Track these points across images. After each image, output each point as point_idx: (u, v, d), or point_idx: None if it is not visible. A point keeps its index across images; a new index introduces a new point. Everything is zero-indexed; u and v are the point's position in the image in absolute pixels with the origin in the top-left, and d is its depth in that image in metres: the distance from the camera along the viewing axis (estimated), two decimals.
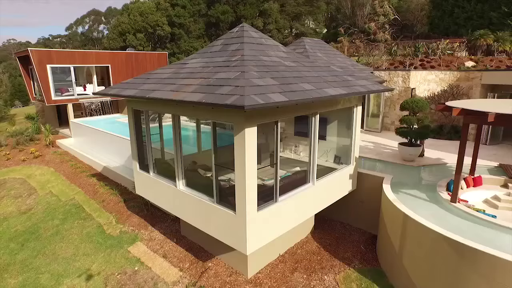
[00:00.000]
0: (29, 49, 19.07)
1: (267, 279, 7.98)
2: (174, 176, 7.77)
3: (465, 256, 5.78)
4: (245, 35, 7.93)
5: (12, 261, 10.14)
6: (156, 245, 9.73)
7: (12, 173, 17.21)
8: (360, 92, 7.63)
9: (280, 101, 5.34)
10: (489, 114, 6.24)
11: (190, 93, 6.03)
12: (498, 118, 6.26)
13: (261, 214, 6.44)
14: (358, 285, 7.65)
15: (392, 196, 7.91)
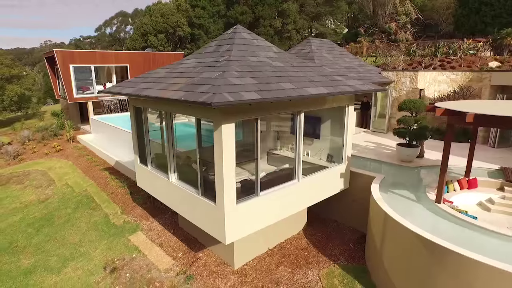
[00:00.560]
0: (54, 50, 20.40)
1: (252, 271, 8.29)
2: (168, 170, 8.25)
3: (434, 254, 5.84)
4: (237, 37, 8.30)
5: (28, 244, 11.06)
6: (154, 235, 10.29)
7: (36, 165, 18.52)
8: (347, 91, 7.78)
9: (252, 99, 5.65)
10: (468, 114, 6.23)
11: (175, 91, 6.46)
12: (477, 119, 6.23)
13: (240, 207, 6.77)
14: (340, 281, 7.80)
15: (377, 195, 7.99)
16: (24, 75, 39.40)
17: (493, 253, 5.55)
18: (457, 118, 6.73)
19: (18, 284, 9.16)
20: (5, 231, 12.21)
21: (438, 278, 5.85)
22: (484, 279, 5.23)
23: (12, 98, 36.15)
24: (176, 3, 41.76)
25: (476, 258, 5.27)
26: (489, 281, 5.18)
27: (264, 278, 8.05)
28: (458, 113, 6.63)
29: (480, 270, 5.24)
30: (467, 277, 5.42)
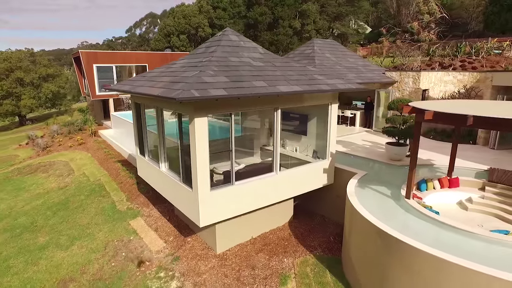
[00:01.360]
0: (79, 51, 22.13)
1: (233, 256, 8.94)
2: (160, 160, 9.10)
3: (385, 243, 6.19)
4: (224, 39, 8.99)
5: (45, 225, 12.40)
6: (151, 220, 11.22)
7: (60, 156, 20.27)
8: (322, 90, 8.22)
9: (218, 95, 6.31)
10: (427, 112, 6.51)
11: (157, 88, 7.25)
12: (436, 116, 6.50)
13: (215, 193, 7.45)
14: (311, 269, 8.26)
15: (350, 189, 8.36)
16: (59, 74, 42.32)
17: (443, 244, 5.83)
18: (421, 115, 6.99)
19: (33, 257, 10.41)
20: (29, 213, 13.71)
21: (388, 265, 6.21)
22: (423, 266, 5.55)
23: (47, 95, 39.15)
24: (198, 4, 43.17)
25: (418, 246, 5.60)
26: (428, 267, 5.50)
27: (242, 262, 8.68)
28: (422, 111, 6.90)
29: (420, 257, 5.56)
30: (410, 264, 5.75)
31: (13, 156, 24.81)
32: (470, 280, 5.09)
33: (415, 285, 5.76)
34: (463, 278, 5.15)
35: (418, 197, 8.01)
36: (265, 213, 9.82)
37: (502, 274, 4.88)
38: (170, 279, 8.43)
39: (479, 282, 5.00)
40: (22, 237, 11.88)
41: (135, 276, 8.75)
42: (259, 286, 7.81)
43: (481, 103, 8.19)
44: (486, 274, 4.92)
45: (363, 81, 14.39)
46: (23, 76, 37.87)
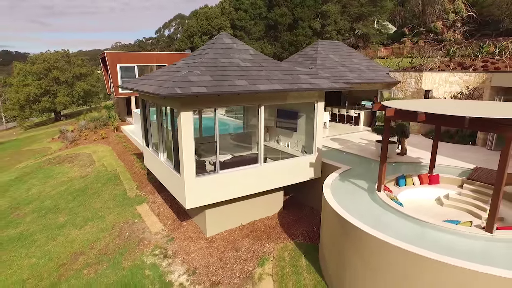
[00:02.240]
0: (104, 52, 23.98)
1: (221, 240, 9.83)
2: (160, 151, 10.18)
3: (344, 229, 6.80)
4: (217, 42, 9.90)
5: (65, 207, 13.95)
6: (155, 206, 12.37)
7: (85, 149, 22.16)
8: (302, 88, 8.89)
9: (198, 92, 7.21)
10: (388, 109, 7.03)
11: (152, 86, 8.28)
12: (396, 113, 7.00)
13: (200, 180, 8.38)
14: (289, 254, 8.96)
15: (327, 182, 8.97)
16: (90, 73, 45.31)
17: (397, 231, 6.35)
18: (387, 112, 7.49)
19: (53, 233, 11.90)
20: (54, 197, 15.40)
21: (346, 249, 6.82)
22: (370, 247, 6.12)
23: (79, 93, 42.12)
24: (221, 6, 44.54)
25: (366, 229, 6.19)
26: (374, 249, 6.07)
27: (228, 245, 9.54)
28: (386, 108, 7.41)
29: (368, 240, 6.14)
30: (361, 246, 6.35)
31: (46, 148, 27.29)
32: (409, 261, 5.62)
33: (365, 266, 6.35)
34: (403, 259, 5.69)
35: (389, 190, 8.48)
36: (255, 203, 10.63)
37: (438, 256, 5.39)
38: (163, 256, 9.47)
39: (418, 263, 5.53)
40: (46, 217, 13.48)
41: (134, 253, 9.87)
42: (239, 265, 8.64)
43: (456, 102, 8.51)
44: (423, 256, 5.45)
45: (363, 81, 14.76)
46: (59, 75, 41.03)
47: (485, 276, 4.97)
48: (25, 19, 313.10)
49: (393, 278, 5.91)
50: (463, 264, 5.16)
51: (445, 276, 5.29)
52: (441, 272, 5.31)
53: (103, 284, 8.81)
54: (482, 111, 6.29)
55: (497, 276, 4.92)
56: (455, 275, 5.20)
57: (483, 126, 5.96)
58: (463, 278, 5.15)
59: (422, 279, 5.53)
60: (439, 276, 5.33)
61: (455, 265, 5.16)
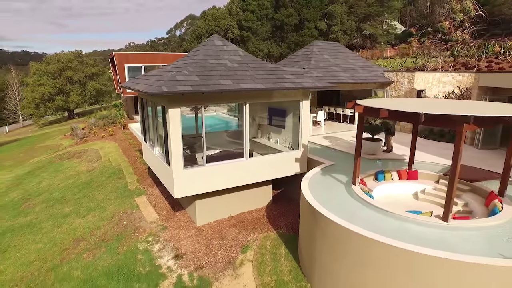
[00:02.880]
0: (113, 53, 25.03)
1: (209, 228, 10.51)
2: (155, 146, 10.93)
3: (315, 217, 7.36)
4: (208, 44, 10.59)
5: (71, 199, 14.91)
6: (152, 198, 13.15)
7: (93, 145, 23.24)
8: (284, 87, 9.47)
9: (183, 91, 7.89)
10: (357, 106, 7.55)
11: (144, 85, 9.02)
12: (364, 110, 7.52)
13: (187, 171, 9.07)
14: (270, 243, 9.57)
15: (307, 175, 9.52)
16: (102, 73, 46.80)
17: (363, 220, 6.88)
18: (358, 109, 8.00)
19: (59, 222, 12.83)
20: (61, 189, 16.40)
21: (315, 235, 7.38)
22: (332, 232, 6.67)
23: (91, 92, 43.62)
24: (228, 7, 45.34)
25: (329, 216, 6.75)
26: (339, 235, 6.62)
27: (215, 234, 10.21)
28: (357, 105, 7.93)
29: (331, 226, 6.69)
30: (328, 233, 6.90)
31: (58, 145, 28.61)
32: (364, 244, 6.16)
33: (330, 250, 6.90)
34: (359, 243, 6.23)
35: (364, 184, 8.97)
36: (244, 196, 11.27)
37: (394, 242, 5.89)
38: (155, 242, 10.22)
39: (371, 246, 6.06)
40: (53, 207, 14.46)
41: (130, 240, 10.65)
42: (223, 252, 9.29)
43: (428, 101, 8.93)
44: (375, 239, 5.98)
45: (356, 81, 15.20)
46: (72, 75, 42.62)
47: (429, 258, 5.47)
48: (44, 20, 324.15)
49: (351, 260, 6.45)
50: (407, 246, 5.67)
51: (393, 257, 5.81)
52: (389, 253, 5.83)
53: (99, 266, 9.61)
54: (442, 108, 6.76)
55: (435, 257, 5.41)
56: (401, 256, 5.71)
57: (438, 122, 6.42)
58: (407, 258, 5.66)
59: (375, 260, 6.05)
60: (388, 256, 5.86)
61: (400, 247, 5.68)
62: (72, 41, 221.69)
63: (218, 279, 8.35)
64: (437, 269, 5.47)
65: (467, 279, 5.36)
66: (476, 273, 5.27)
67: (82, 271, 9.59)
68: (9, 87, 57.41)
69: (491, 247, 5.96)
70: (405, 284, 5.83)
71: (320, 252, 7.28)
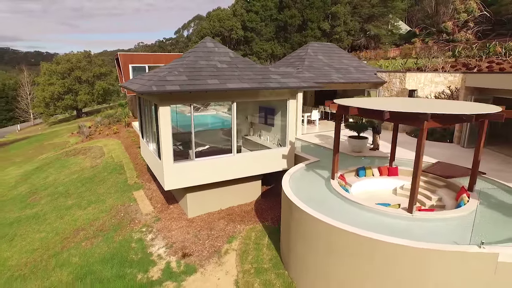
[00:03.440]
0: (118, 53, 25.88)
1: (199, 220, 11.12)
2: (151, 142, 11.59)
3: (291, 208, 7.89)
4: (200, 46, 11.20)
5: (74, 192, 15.72)
6: (149, 192, 13.84)
7: (98, 143, 24.13)
8: (269, 87, 10.01)
9: (172, 90, 8.49)
10: (331, 104, 8.05)
11: (138, 85, 9.66)
12: (338, 108, 8.02)
13: (177, 165, 9.69)
14: (255, 234, 10.12)
15: (291, 170, 10.04)
16: (109, 73, 47.97)
17: (336, 211, 7.38)
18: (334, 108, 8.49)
19: (61, 213, 13.62)
20: (66, 184, 17.24)
21: (290, 223, 7.91)
22: (308, 223, 7.19)
23: (99, 91, 44.78)
24: (233, 8, 46.00)
25: (304, 208, 7.27)
26: (309, 224, 7.14)
27: (205, 225, 10.82)
28: (333, 104, 8.43)
29: (307, 217, 7.21)
30: (301, 222, 7.43)
31: (65, 142, 29.66)
32: (331, 233, 6.67)
33: (302, 238, 7.43)
34: (326, 232, 6.74)
35: (343, 179, 9.44)
36: (235, 190, 11.85)
37: (357, 230, 6.39)
38: (148, 232, 10.88)
39: (337, 234, 6.57)
40: (57, 200, 15.28)
41: (125, 230, 11.34)
42: (210, 242, 9.89)
43: (405, 100, 9.36)
44: (341, 228, 6.49)
45: (347, 81, 15.63)
46: (80, 74, 43.85)
47: (390, 245, 5.96)
48: (56, 21, 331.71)
49: (319, 248, 6.97)
50: (370, 234, 6.16)
51: (357, 244, 6.31)
52: (353, 241, 6.33)
53: (96, 253, 10.31)
54: (408, 107, 7.21)
55: (395, 244, 5.90)
56: (365, 243, 6.21)
57: (401, 119, 6.89)
58: (370, 246, 6.16)
59: (340, 247, 6.56)
60: (352, 244, 6.36)
61: (364, 236, 6.18)
62: (83, 41, 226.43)
63: (203, 266, 8.94)
64: (397, 255, 5.95)
65: (422, 263, 5.82)
66: (430, 257, 5.73)
67: (80, 257, 10.30)
68: (21, 87, 59.20)
69: (449, 235, 6.41)
70: (368, 270, 6.32)
71: (294, 241, 7.81)
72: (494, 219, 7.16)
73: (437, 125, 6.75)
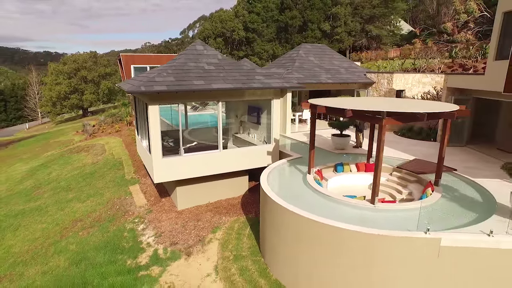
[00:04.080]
0: (120, 54, 26.80)
1: (188, 212, 11.85)
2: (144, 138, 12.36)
3: (265, 200, 8.55)
4: (190, 48, 11.92)
5: (75, 187, 16.59)
6: (144, 186, 14.62)
7: (100, 140, 25.06)
8: (252, 87, 10.68)
9: (159, 90, 9.22)
10: (304, 103, 8.69)
11: (129, 85, 10.42)
12: (311, 107, 8.65)
13: (165, 160, 10.42)
14: (238, 225, 10.80)
15: (273, 165, 10.70)
16: (114, 73, 49.09)
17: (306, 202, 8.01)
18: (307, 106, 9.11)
19: (62, 206, 14.49)
20: (68, 179, 18.14)
21: (264, 212, 8.57)
22: (273, 209, 7.84)
23: (104, 91, 45.91)
24: (235, 10, 46.75)
25: (274, 198, 7.93)
26: (279, 213, 7.80)
27: (192, 217, 11.54)
28: (307, 103, 9.06)
29: (277, 207, 7.87)
30: (272, 212, 8.09)
31: (70, 140, 30.69)
32: (297, 220, 7.31)
33: (273, 225, 8.08)
34: (292, 218, 7.39)
35: (319, 174, 10.07)
36: (223, 185, 12.55)
37: (320, 219, 7.02)
38: (140, 223, 11.64)
39: (300, 222, 7.21)
40: (59, 194, 16.16)
41: (119, 221, 12.12)
42: (195, 232, 10.60)
43: (379, 100, 9.94)
44: (304, 216, 7.13)
45: (336, 81, 16.22)
46: (86, 74, 45.01)
47: (348, 231, 6.59)
48: (65, 22, 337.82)
49: (287, 235, 7.62)
50: (331, 222, 6.79)
51: (320, 231, 6.95)
52: (318, 228, 6.97)
53: (91, 242, 11.10)
54: (371, 105, 7.82)
55: (350, 230, 6.52)
56: (326, 230, 6.84)
57: (362, 117, 7.50)
58: (330, 231, 6.79)
59: (306, 235, 7.20)
60: (316, 231, 7.00)
61: (326, 224, 6.82)
62: (92, 41, 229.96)
63: (187, 253, 9.65)
64: (354, 240, 6.57)
65: (373, 247, 6.43)
66: (379, 242, 6.35)
67: (77, 245, 11.11)
68: (30, 86, 60.79)
69: (405, 224, 7.01)
70: (329, 254, 6.94)
71: (268, 230, 8.47)
72: (452, 210, 7.73)
73: (395, 122, 7.36)
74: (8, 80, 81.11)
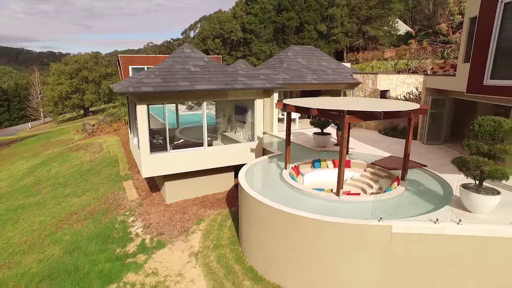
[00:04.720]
0: (118, 55, 27.58)
1: (176, 205, 12.57)
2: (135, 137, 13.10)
3: (242, 193, 9.24)
4: (179, 51, 12.64)
5: (73, 183, 17.37)
6: (136, 182, 15.37)
7: (99, 139, 25.87)
8: (234, 88, 11.37)
9: (146, 91, 9.93)
10: (277, 102, 9.37)
11: (120, 86, 11.15)
12: (284, 106, 9.32)
13: (153, 156, 11.15)
14: (221, 218, 11.51)
15: (253, 161, 11.39)
16: (115, 73, 49.92)
17: (280, 195, 8.68)
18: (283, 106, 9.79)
19: (59, 200, 15.26)
20: (66, 176, 18.94)
21: (242, 205, 9.26)
22: (249, 201, 8.53)
23: (105, 91, 46.77)
24: (233, 11, 47.47)
25: (246, 189, 8.62)
26: (252, 204, 8.49)
27: (179, 210, 12.26)
28: (281, 103, 9.73)
29: (250, 198, 8.56)
30: (246, 203, 8.78)
31: (70, 139, 31.54)
32: (266, 210, 8.00)
33: (247, 216, 8.77)
34: (262, 208, 8.08)
35: (296, 170, 10.73)
36: (210, 180, 13.26)
37: (283, 207, 7.71)
38: (130, 216, 12.38)
39: (269, 211, 7.89)
40: (57, 189, 16.95)
41: (112, 214, 12.87)
42: (181, 223, 11.32)
43: (349, 99, 10.60)
44: (272, 206, 7.82)
45: (321, 82, 16.87)
46: (87, 75, 45.89)
47: (311, 220, 7.26)
48: (69, 22, 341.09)
49: (258, 224, 8.31)
50: (296, 212, 7.47)
51: (284, 219, 7.63)
52: (285, 217, 7.66)
53: (85, 233, 11.86)
54: (335, 104, 8.48)
55: (310, 219, 7.20)
56: (292, 218, 7.52)
57: (327, 115, 8.17)
58: (296, 221, 7.47)
59: (274, 222, 7.89)
60: (279, 218, 7.69)
61: (292, 213, 7.50)
62: (95, 41, 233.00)
63: (172, 242, 10.37)
64: (315, 227, 7.25)
65: (336, 234, 7.10)
66: (341, 229, 7.02)
67: (71, 236, 11.86)
68: (32, 86, 61.87)
69: (365, 213, 7.67)
70: (295, 241, 7.61)
71: (244, 220, 9.17)
72: (413, 201, 8.38)
73: (357, 120, 8.02)
74: (12, 80, 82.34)
